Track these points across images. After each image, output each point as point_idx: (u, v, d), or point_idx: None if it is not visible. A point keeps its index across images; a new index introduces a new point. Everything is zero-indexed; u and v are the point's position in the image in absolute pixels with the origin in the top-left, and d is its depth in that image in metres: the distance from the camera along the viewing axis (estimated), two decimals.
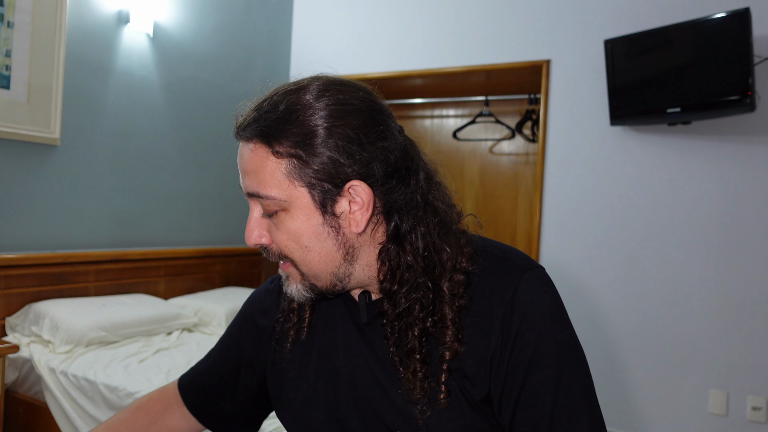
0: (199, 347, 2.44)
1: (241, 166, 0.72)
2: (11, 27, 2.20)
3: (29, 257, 2.27)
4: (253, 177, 0.70)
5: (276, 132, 0.67)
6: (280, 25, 3.66)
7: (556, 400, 0.67)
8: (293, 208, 0.68)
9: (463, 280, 0.71)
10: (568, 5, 2.87)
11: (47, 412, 2.03)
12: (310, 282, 0.72)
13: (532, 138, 3.58)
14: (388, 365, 0.73)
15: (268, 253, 0.73)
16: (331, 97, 0.68)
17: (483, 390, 0.70)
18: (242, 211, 3.43)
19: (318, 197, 0.68)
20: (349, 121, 0.67)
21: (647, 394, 2.63)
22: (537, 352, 0.68)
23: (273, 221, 0.71)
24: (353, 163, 0.67)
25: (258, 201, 0.71)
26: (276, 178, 0.68)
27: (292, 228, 0.69)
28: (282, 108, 0.68)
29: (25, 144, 2.29)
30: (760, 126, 2.45)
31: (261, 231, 0.72)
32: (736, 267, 2.48)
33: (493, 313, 0.70)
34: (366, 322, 0.76)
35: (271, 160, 0.68)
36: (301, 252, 0.70)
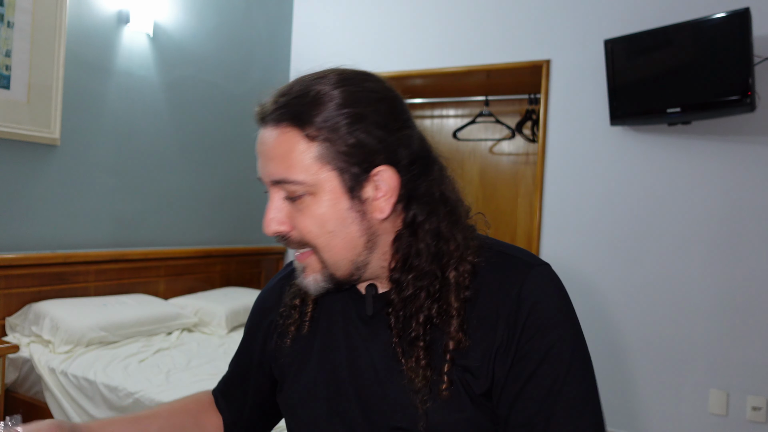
0: (199, 347, 2.44)
1: (265, 151, 0.70)
2: (11, 27, 2.20)
3: (29, 257, 2.27)
4: (280, 162, 0.68)
5: (308, 115, 0.67)
6: (280, 25, 3.66)
7: (558, 396, 0.67)
8: (321, 192, 0.68)
9: (470, 270, 0.72)
10: (568, 5, 2.87)
11: (47, 413, 2.03)
12: (329, 272, 0.72)
13: (532, 138, 3.58)
14: (392, 358, 0.73)
15: (287, 241, 0.72)
16: (359, 85, 0.70)
17: (485, 384, 0.69)
18: (242, 211, 3.43)
19: (346, 181, 0.68)
20: (377, 107, 0.69)
21: (647, 394, 2.63)
22: (543, 346, 0.68)
23: (296, 206, 0.70)
24: (381, 149, 0.69)
25: (282, 186, 0.70)
26: (305, 161, 0.67)
27: (318, 213, 0.69)
28: (313, 93, 0.68)
29: (25, 144, 2.29)
30: (760, 126, 2.45)
31: (281, 218, 0.71)
32: (736, 267, 2.48)
33: (500, 307, 0.70)
34: (371, 315, 0.76)
35: (302, 143, 0.68)
36: (325, 238, 0.70)
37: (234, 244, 3.38)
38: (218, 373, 2.11)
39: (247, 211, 3.47)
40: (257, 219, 3.53)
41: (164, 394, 1.86)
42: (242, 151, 3.40)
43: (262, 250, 3.55)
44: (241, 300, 2.97)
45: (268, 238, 3.64)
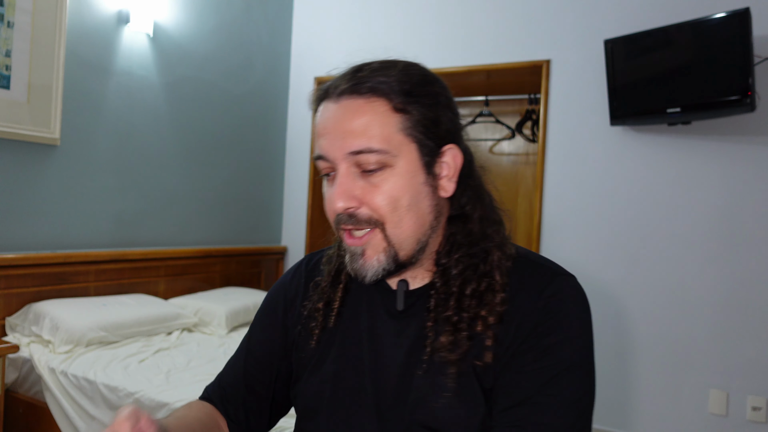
0: (199, 347, 2.44)
1: (341, 123, 0.70)
2: (11, 27, 2.20)
3: (29, 257, 2.27)
4: (361, 132, 0.68)
5: (393, 87, 0.69)
6: (280, 25, 3.66)
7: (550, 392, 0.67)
8: (399, 164, 0.69)
9: (513, 254, 0.75)
10: (568, 5, 2.87)
11: (47, 412, 2.03)
12: (393, 251, 0.71)
13: (532, 138, 3.58)
14: (417, 351, 0.73)
15: (354, 219, 0.70)
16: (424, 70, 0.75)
17: (491, 379, 0.70)
18: (242, 211, 3.44)
19: (424, 154, 0.71)
20: (445, 91, 0.74)
21: (647, 394, 2.63)
22: (550, 342, 0.69)
23: (369, 181, 0.70)
24: (452, 128, 0.73)
25: (359, 158, 0.69)
26: (389, 131, 0.69)
27: (396, 185, 0.69)
28: (398, 68, 0.72)
29: (25, 144, 2.29)
30: (760, 126, 2.45)
31: (352, 194, 0.70)
32: (736, 267, 2.48)
33: (523, 306, 0.71)
34: (401, 310, 0.77)
35: (387, 114, 0.69)
36: (398, 213, 0.70)
37: (234, 244, 3.38)
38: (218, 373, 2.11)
39: (246, 211, 3.47)
40: (257, 219, 3.53)
41: (164, 394, 1.86)
42: (242, 151, 3.41)
43: (262, 250, 3.55)
44: (241, 300, 2.97)
45: (268, 238, 3.64)
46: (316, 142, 0.74)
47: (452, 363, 0.70)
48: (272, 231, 3.70)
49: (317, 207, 3.69)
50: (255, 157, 3.51)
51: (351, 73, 0.72)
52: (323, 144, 0.72)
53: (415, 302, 0.77)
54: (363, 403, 0.76)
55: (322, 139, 0.72)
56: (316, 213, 3.67)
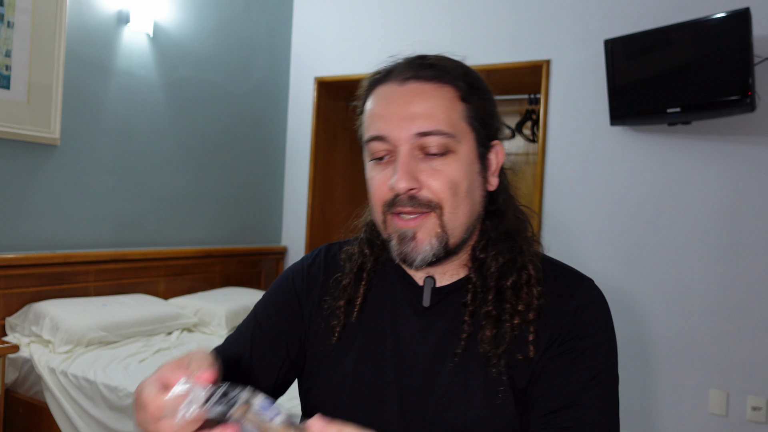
0: (199, 347, 2.44)
1: (409, 104, 0.71)
2: (11, 27, 2.20)
3: (29, 257, 2.27)
4: (430, 115, 0.70)
5: (462, 79, 0.74)
6: (280, 25, 3.66)
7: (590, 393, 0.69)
8: (461, 150, 0.72)
9: (540, 253, 0.79)
10: (568, 5, 2.87)
11: (47, 412, 2.03)
12: (446, 235, 0.72)
13: (532, 138, 3.58)
14: (445, 348, 0.74)
15: (414, 201, 0.70)
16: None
17: (525, 379, 0.71)
18: (242, 211, 3.44)
19: (480, 144, 0.74)
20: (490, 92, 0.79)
21: (647, 394, 2.63)
22: (584, 346, 0.71)
23: (432, 165, 0.71)
24: (498, 126, 0.78)
25: (426, 141, 0.70)
26: (454, 117, 0.71)
27: (457, 171, 0.71)
28: (462, 63, 0.77)
29: (25, 144, 2.29)
30: (760, 126, 2.45)
31: (415, 175, 0.70)
32: (736, 267, 2.48)
33: (554, 309, 0.73)
34: (428, 307, 0.77)
35: (455, 102, 0.72)
36: (456, 199, 0.71)
37: (234, 244, 3.38)
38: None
39: (246, 211, 3.47)
40: (257, 219, 3.53)
41: None
42: (242, 151, 3.41)
43: (262, 250, 3.55)
44: (241, 300, 2.97)
45: (268, 238, 3.64)
46: (373, 123, 0.73)
47: (492, 358, 0.71)
48: (272, 231, 3.70)
49: (317, 207, 3.69)
50: (255, 157, 3.51)
51: (415, 60, 0.75)
52: (385, 125, 0.72)
53: (442, 299, 0.77)
54: (385, 399, 0.75)
55: (382, 121, 0.72)
56: (316, 213, 3.67)
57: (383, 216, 0.74)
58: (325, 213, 3.76)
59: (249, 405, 0.51)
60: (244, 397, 0.52)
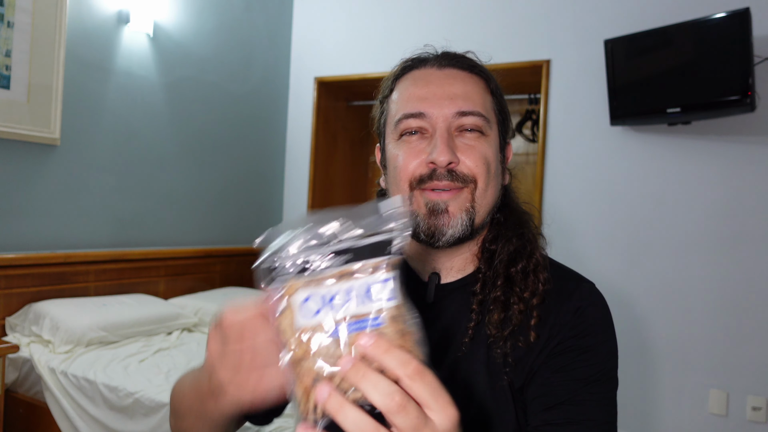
0: (199, 347, 2.44)
1: (450, 87, 0.76)
2: (11, 27, 2.20)
3: (29, 257, 2.27)
4: (469, 97, 0.76)
5: (486, 73, 0.81)
6: (280, 25, 3.66)
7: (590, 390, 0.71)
8: (491, 135, 0.77)
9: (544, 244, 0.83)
10: (568, 5, 2.87)
11: (47, 412, 2.03)
12: (475, 212, 0.75)
13: (532, 138, 3.58)
14: (447, 341, 0.76)
15: (453, 174, 0.73)
16: None
17: (521, 377, 0.73)
18: (242, 211, 3.44)
19: (502, 135, 0.81)
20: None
21: (647, 394, 2.63)
22: (584, 345, 0.72)
23: (466, 142, 0.75)
24: (509, 128, 0.83)
25: (466, 119, 0.75)
26: (487, 105, 0.78)
27: (488, 152, 0.76)
28: (479, 62, 0.84)
29: (25, 144, 2.29)
30: (760, 126, 2.45)
31: (453, 150, 0.74)
32: (736, 267, 2.48)
33: (555, 308, 0.75)
34: (432, 302, 0.80)
35: (485, 91, 0.79)
36: (488, 176, 0.75)
37: (234, 244, 3.38)
38: None
39: (246, 211, 3.47)
40: (257, 219, 3.53)
41: (164, 394, 1.86)
42: (242, 151, 3.41)
43: (262, 250, 3.54)
44: (241, 300, 2.96)
45: None
46: (409, 102, 0.77)
47: (498, 340, 0.72)
48: None
49: (317, 207, 3.69)
50: (255, 157, 3.51)
51: (448, 53, 0.82)
52: (423, 104, 0.75)
53: (446, 296, 0.79)
54: None
55: (420, 100, 0.76)
56: None
57: (412, 192, 0.76)
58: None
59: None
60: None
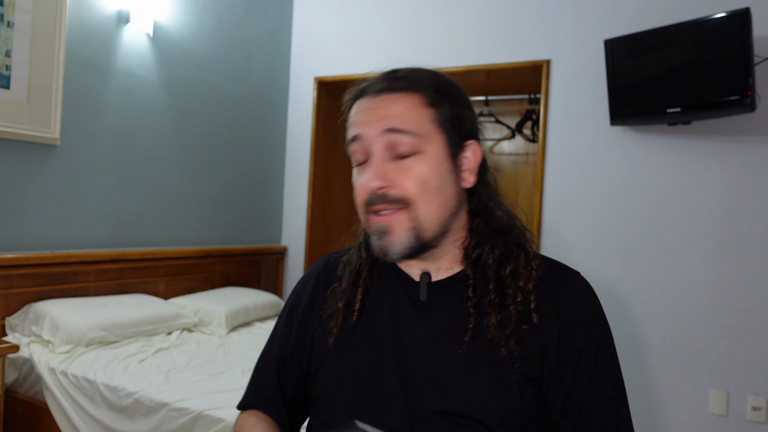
0: (199, 347, 2.44)
1: (380, 110, 0.78)
2: (11, 27, 2.20)
3: (29, 257, 2.27)
4: (398, 117, 0.77)
5: (428, 85, 0.79)
6: (280, 25, 3.66)
7: (589, 389, 0.76)
8: (429, 150, 0.77)
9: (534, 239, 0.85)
10: (568, 5, 2.87)
11: (47, 412, 2.03)
12: (417, 231, 0.77)
13: (532, 138, 3.58)
14: (446, 339, 0.78)
15: (385, 198, 0.77)
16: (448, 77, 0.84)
17: (535, 370, 0.76)
18: (242, 211, 3.44)
19: (450, 145, 0.79)
20: (465, 95, 0.84)
21: (647, 394, 2.63)
22: (584, 344, 0.77)
23: (400, 165, 0.77)
24: (473, 127, 0.83)
25: (393, 142, 0.76)
26: (423, 121, 0.77)
27: (424, 170, 0.77)
28: (431, 72, 0.82)
29: (25, 144, 2.29)
30: (760, 126, 2.45)
31: (384, 175, 0.77)
32: (736, 267, 2.48)
33: (548, 305, 0.78)
34: (425, 301, 0.82)
35: (421, 107, 0.78)
36: (425, 195, 0.76)
37: (234, 244, 3.38)
38: (218, 373, 2.11)
39: (246, 211, 3.47)
40: (257, 219, 3.53)
41: (164, 394, 1.86)
42: (242, 151, 3.41)
43: (262, 250, 3.55)
44: (241, 300, 2.97)
45: (268, 238, 3.64)
46: (350, 130, 0.81)
47: (501, 339, 0.75)
48: (272, 231, 3.70)
49: (317, 207, 3.69)
50: (255, 157, 3.51)
51: (387, 74, 0.82)
52: (359, 128, 0.79)
53: (438, 293, 0.82)
54: (387, 389, 0.78)
55: (357, 125, 0.80)
56: (316, 213, 3.67)
57: (365, 216, 0.81)
58: (325, 213, 3.76)
59: None
60: None
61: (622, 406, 0.77)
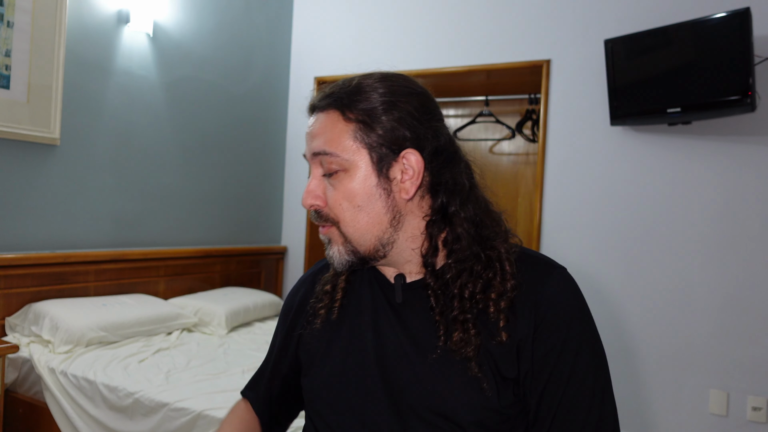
0: (199, 347, 2.44)
1: (311, 131, 0.80)
2: (11, 27, 2.20)
3: (29, 257, 2.27)
4: (322, 137, 0.78)
5: (348, 101, 0.78)
6: (280, 25, 3.66)
7: (580, 386, 0.74)
8: (353, 168, 0.77)
9: (518, 245, 0.81)
10: (568, 5, 2.87)
11: (47, 412, 2.03)
12: (351, 246, 0.79)
13: (532, 138, 3.58)
14: (422, 340, 0.78)
15: (318, 215, 0.81)
16: (396, 81, 0.80)
17: (512, 371, 0.75)
18: (242, 211, 3.44)
19: (376, 160, 0.77)
20: (410, 99, 0.79)
21: (647, 394, 2.63)
22: (562, 341, 0.75)
23: (331, 182, 0.79)
24: (410, 135, 0.78)
25: (322, 161, 0.79)
26: (343, 139, 0.77)
27: (349, 187, 0.77)
28: (355, 84, 0.79)
29: (25, 144, 2.29)
30: (760, 126, 2.45)
31: (317, 193, 0.80)
32: (736, 267, 2.48)
33: (524, 301, 0.76)
34: (401, 302, 0.82)
35: (341, 124, 0.78)
36: (353, 212, 0.77)
37: (234, 244, 3.38)
38: (218, 373, 2.11)
39: (246, 211, 3.47)
40: (257, 219, 3.53)
41: (164, 394, 1.86)
42: (242, 151, 3.41)
43: (262, 250, 3.55)
44: (241, 300, 2.97)
45: (268, 238, 3.64)
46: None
47: (468, 356, 0.74)
48: (272, 231, 3.70)
49: None
50: (255, 157, 3.51)
51: (325, 91, 0.82)
52: (305, 147, 0.83)
53: (413, 295, 0.82)
54: (373, 394, 0.79)
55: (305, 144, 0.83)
56: None
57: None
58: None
59: None
60: None
61: (605, 406, 0.74)
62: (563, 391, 0.73)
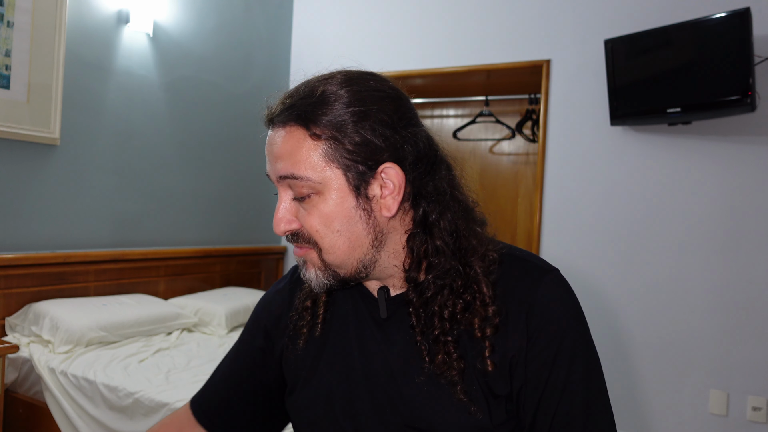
0: (199, 347, 2.44)
1: (273, 151, 0.71)
2: (11, 27, 2.20)
3: (29, 257, 2.27)
4: (287, 159, 0.69)
5: (313, 115, 0.68)
6: (280, 25, 3.66)
7: (573, 398, 0.69)
8: (327, 190, 0.69)
9: (497, 260, 0.73)
10: (568, 5, 2.87)
11: (47, 412, 2.03)
12: (331, 269, 0.72)
13: (532, 138, 3.58)
14: (409, 359, 0.73)
15: (298, 237, 0.72)
16: (364, 84, 0.71)
17: (505, 387, 0.70)
18: (242, 211, 3.44)
19: (352, 179, 0.69)
20: (382, 106, 0.69)
21: (647, 394, 2.63)
22: (555, 351, 0.70)
23: (304, 206, 0.70)
24: (387, 147, 0.69)
25: (290, 184, 0.70)
26: (312, 159, 0.68)
27: (325, 211, 0.69)
28: (319, 93, 0.69)
29: (25, 144, 2.29)
30: (760, 126, 2.45)
31: (290, 217, 0.72)
32: (736, 267, 2.48)
33: (515, 310, 0.71)
34: (386, 318, 0.76)
35: (307, 142, 0.68)
36: (332, 237, 0.70)
37: (234, 244, 3.38)
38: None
39: (246, 211, 3.47)
40: (257, 219, 3.53)
41: (164, 394, 1.86)
42: (242, 151, 3.40)
43: (262, 250, 3.55)
44: (241, 300, 2.97)
45: (268, 238, 3.64)
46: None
47: (453, 377, 0.70)
48: (272, 231, 3.70)
49: None
50: (255, 156, 3.51)
51: (282, 99, 0.73)
52: (267, 166, 0.74)
53: (398, 309, 0.76)
54: (359, 412, 0.75)
55: (267, 161, 0.74)
56: None
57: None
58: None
59: None
60: None
61: (600, 416, 0.70)
62: (557, 403, 0.69)
